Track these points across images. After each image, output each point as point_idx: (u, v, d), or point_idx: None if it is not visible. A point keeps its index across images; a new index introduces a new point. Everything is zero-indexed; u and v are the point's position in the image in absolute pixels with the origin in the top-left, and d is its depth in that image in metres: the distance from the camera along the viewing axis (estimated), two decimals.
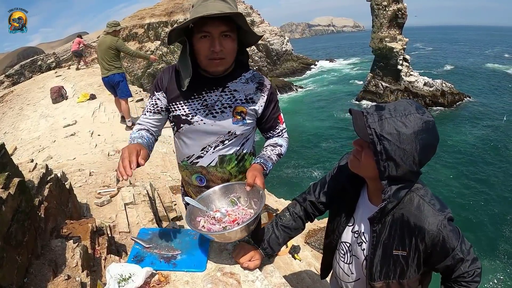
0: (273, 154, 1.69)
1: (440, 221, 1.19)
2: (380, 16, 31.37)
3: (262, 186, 1.47)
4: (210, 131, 1.63)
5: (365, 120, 1.15)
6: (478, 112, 28.59)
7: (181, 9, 45.32)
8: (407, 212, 1.23)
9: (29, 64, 30.53)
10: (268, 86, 1.68)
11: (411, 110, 1.13)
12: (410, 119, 1.11)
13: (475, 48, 76.32)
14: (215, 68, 1.53)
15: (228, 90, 1.60)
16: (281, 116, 1.79)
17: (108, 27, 6.32)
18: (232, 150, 1.70)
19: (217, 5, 1.37)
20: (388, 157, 1.13)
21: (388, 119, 1.12)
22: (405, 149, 1.11)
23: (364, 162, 1.23)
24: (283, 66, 52.62)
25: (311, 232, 5.51)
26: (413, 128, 1.10)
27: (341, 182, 1.48)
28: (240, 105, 1.61)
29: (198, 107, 1.60)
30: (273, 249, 1.57)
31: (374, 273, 1.34)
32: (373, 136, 1.13)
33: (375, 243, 1.31)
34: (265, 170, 1.59)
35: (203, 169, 1.73)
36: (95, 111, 8.55)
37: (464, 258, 1.22)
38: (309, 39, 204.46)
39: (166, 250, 1.55)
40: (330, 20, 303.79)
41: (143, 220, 2.88)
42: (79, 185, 3.81)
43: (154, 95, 1.67)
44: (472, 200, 15.44)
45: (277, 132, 1.79)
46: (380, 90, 31.85)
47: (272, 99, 1.70)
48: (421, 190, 1.26)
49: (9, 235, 1.35)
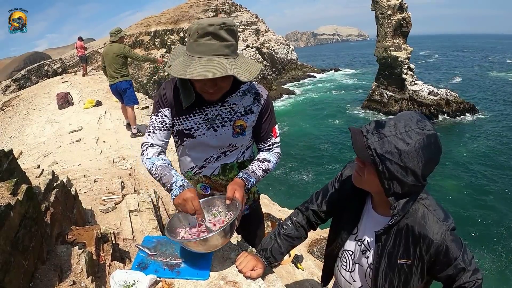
0: (259, 169, 1.67)
1: (444, 231, 1.20)
2: (384, 25, 31.50)
3: (240, 199, 1.48)
4: (212, 145, 1.67)
5: (365, 141, 1.14)
6: (483, 121, 28.49)
7: (187, 17, 45.77)
8: (412, 221, 1.24)
9: (36, 69, 30.87)
10: (264, 96, 1.67)
11: (411, 126, 1.11)
12: (411, 136, 1.09)
13: (481, 56, 76.24)
14: (209, 98, 1.56)
15: (228, 104, 1.61)
16: (275, 129, 1.77)
17: (112, 35, 6.40)
18: (233, 158, 1.74)
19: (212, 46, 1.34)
20: (391, 176, 1.13)
21: (389, 138, 1.11)
22: (407, 167, 1.10)
23: (367, 178, 1.23)
24: (288, 74, 52.90)
25: (314, 241, 5.49)
26: (414, 145, 1.09)
27: (346, 191, 1.48)
28: (239, 119, 1.63)
29: (200, 122, 1.62)
30: (275, 258, 1.58)
31: (379, 282, 1.34)
32: (374, 157, 1.12)
33: (380, 252, 1.31)
34: (247, 185, 1.57)
35: (206, 179, 1.77)
36: (101, 118, 8.61)
37: (466, 268, 1.23)
38: (314, 48, 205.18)
39: (170, 258, 1.56)
40: (335, 29, 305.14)
41: (147, 227, 2.89)
42: (84, 192, 3.83)
43: (160, 111, 1.65)
44: (476, 213, 15.31)
45: (267, 145, 1.76)
46: (384, 99, 31.86)
47: (267, 109, 1.69)
48: (426, 200, 1.27)
49: (16, 240, 1.37)
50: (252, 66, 1.46)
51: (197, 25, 1.35)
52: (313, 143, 26.39)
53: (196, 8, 47.49)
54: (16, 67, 40.67)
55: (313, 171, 21.13)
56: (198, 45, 1.35)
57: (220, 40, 1.35)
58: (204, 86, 1.45)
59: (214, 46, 1.34)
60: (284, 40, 54.41)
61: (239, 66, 1.40)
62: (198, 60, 1.35)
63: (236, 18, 49.52)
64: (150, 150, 1.64)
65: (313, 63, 68.06)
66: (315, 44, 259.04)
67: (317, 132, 29.23)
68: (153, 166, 1.58)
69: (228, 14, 49.34)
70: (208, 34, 1.33)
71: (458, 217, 14.34)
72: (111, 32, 6.47)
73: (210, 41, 1.34)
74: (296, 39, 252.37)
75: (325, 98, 41.91)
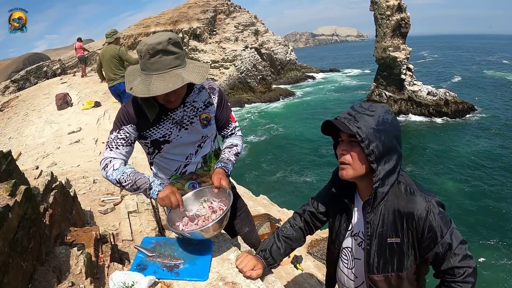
0: (231, 155, 1.89)
1: (428, 203, 1.28)
2: (383, 26, 31.50)
3: (227, 186, 1.68)
4: (188, 142, 1.80)
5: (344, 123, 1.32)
6: (482, 121, 28.48)
7: (186, 18, 45.77)
8: (396, 198, 1.33)
9: (35, 70, 30.82)
10: (217, 89, 1.88)
11: (372, 104, 1.37)
12: (374, 108, 1.34)
13: (479, 56, 76.52)
14: (172, 106, 1.69)
15: (189, 104, 1.76)
16: (232, 114, 1.98)
17: (108, 37, 6.41)
18: (208, 148, 1.90)
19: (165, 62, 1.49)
20: (370, 139, 1.28)
21: (360, 114, 1.32)
22: (378, 128, 1.29)
23: (354, 161, 1.35)
24: (287, 75, 52.87)
25: (313, 242, 5.49)
26: (378, 113, 1.32)
27: (337, 191, 1.55)
28: (203, 112, 1.80)
29: (170, 126, 1.74)
30: (275, 259, 1.60)
31: (372, 265, 1.37)
32: (355, 129, 1.29)
33: (370, 233, 1.37)
34: (227, 172, 1.78)
35: (193, 175, 1.89)
36: (100, 119, 8.61)
37: (453, 246, 1.25)
38: (313, 49, 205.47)
39: (169, 259, 1.57)
40: (333, 29, 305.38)
41: (146, 228, 2.89)
42: (83, 193, 3.83)
43: (122, 128, 1.70)
44: (476, 212, 15.32)
45: (230, 130, 1.98)
46: (383, 100, 31.85)
47: (223, 98, 1.89)
48: (407, 178, 1.39)
49: (15, 241, 1.37)
50: (201, 68, 1.62)
51: (146, 46, 1.48)
52: (311, 145, 26.34)
53: (195, 9, 47.47)
54: (15, 68, 40.64)
55: (312, 173, 21.09)
56: (152, 63, 1.49)
57: (170, 54, 1.50)
58: (166, 97, 1.58)
59: (167, 61, 1.49)
60: (283, 41, 54.33)
61: (191, 72, 1.56)
62: (156, 76, 1.49)
63: (235, 18, 49.49)
64: (116, 162, 1.67)
65: (312, 64, 68.02)
66: (314, 44, 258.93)
67: (316, 133, 29.12)
68: (123, 174, 1.62)
69: (227, 15, 49.31)
70: (159, 52, 1.47)
71: (458, 217, 14.37)
72: (106, 34, 6.49)
73: (161, 58, 1.48)
74: (295, 39, 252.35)
75: (324, 99, 41.89)
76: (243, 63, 44.09)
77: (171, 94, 1.57)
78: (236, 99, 39.97)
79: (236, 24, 48.81)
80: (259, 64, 45.61)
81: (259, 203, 6.55)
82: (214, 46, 46.03)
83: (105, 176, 1.67)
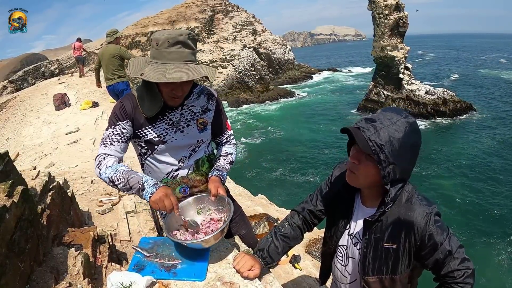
0: (226, 163, 1.93)
1: (427, 213, 1.28)
2: (381, 25, 31.55)
3: (224, 194, 1.72)
4: (183, 145, 1.80)
5: (363, 134, 1.24)
6: (480, 120, 28.56)
7: (184, 18, 45.75)
8: (397, 206, 1.32)
9: (33, 70, 30.68)
10: (215, 96, 1.91)
11: (397, 117, 1.26)
12: (399, 125, 1.24)
13: (476, 55, 76.64)
14: (174, 103, 1.72)
15: (187, 107, 1.78)
16: (228, 122, 2.02)
17: (108, 36, 6.40)
18: (202, 153, 1.89)
19: (182, 54, 1.51)
20: (390, 162, 1.23)
21: (383, 129, 1.23)
22: (400, 151, 1.23)
23: (363, 172, 1.31)
24: (285, 75, 52.88)
25: (311, 241, 5.49)
26: (403, 132, 1.23)
27: (337, 190, 1.55)
28: (200, 117, 1.81)
29: (166, 127, 1.74)
30: (272, 259, 1.60)
31: (367, 267, 1.39)
32: (375, 147, 1.22)
33: (367, 238, 1.38)
34: (222, 180, 1.82)
35: (184, 179, 1.87)
36: (98, 119, 8.59)
37: (452, 252, 1.27)
38: (311, 48, 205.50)
39: (167, 259, 1.57)
40: (332, 29, 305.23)
41: (144, 228, 2.89)
42: (81, 193, 3.82)
43: (118, 124, 1.67)
44: (474, 212, 15.34)
45: (225, 138, 2.02)
46: (381, 99, 31.91)
47: (219, 105, 1.91)
48: (409, 186, 1.37)
49: (12, 242, 1.37)
50: (210, 69, 1.65)
51: (166, 35, 1.50)
52: (310, 144, 26.37)
53: (193, 9, 47.45)
54: (13, 68, 40.54)
55: (311, 172, 21.11)
56: (169, 53, 1.50)
57: (188, 48, 1.53)
58: (172, 91, 1.60)
59: (184, 53, 1.51)
60: (281, 40, 54.36)
61: (204, 69, 1.58)
62: (172, 66, 1.49)
63: (233, 18, 49.51)
64: (110, 159, 1.61)
65: (311, 63, 68.08)
66: (312, 44, 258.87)
67: (314, 133, 29.24)
68: (116, 172, 1.55)
69: (225, 15, 49.31)
70: (179, 42, 1.50)
71: (456, 217, 14.43)
72: (107, 33, 6.47)
73: (180, 49, 1.51)
74: (293, 39, 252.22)
75: (322, 99, 41.89)
76: (241, 63, 44.12)
77: (179, 89, 1.59)
78: (234, 98, 39.89)
79: (234, 24, 48.84)
80: (257, 63, 45.65)
81: (258, 203, 6.54)
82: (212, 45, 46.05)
83: (98, 175, 1.60)
